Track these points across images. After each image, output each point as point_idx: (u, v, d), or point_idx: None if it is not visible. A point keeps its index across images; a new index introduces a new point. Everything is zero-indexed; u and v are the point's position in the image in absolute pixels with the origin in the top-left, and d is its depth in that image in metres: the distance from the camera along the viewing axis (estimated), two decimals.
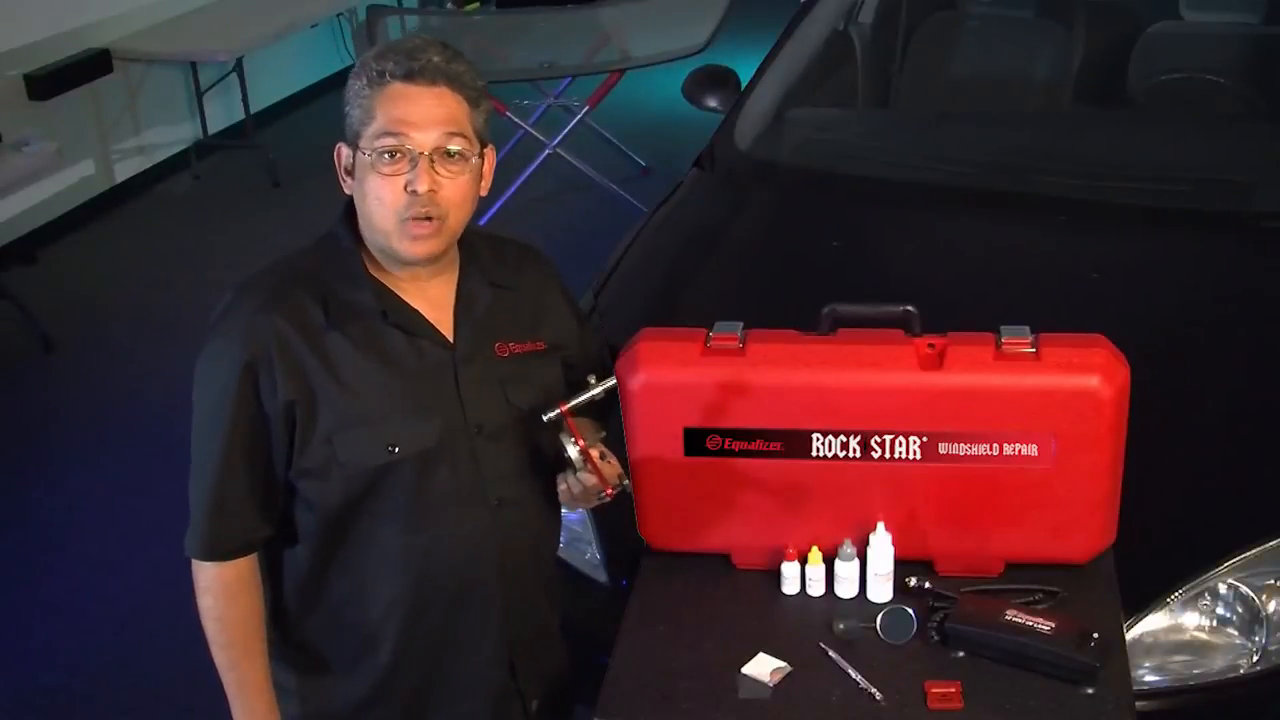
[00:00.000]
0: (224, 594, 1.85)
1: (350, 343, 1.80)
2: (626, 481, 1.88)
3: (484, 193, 1.84)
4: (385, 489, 1.82)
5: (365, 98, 1.74)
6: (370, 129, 1.73)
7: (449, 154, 1.74)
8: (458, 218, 1.78)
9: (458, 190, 1.76)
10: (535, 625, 2.01)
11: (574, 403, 1.84)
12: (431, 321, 1.84)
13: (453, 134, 1.74)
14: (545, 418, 1.83)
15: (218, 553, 1.83)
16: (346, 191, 1.82)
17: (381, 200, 1.74)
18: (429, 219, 1.74)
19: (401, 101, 1.73)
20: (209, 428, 1.80)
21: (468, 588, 1.89)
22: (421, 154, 1.72)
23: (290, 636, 1.93)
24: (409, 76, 1.73)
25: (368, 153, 1.74)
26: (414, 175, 1.72)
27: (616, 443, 1.95)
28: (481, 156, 1.80)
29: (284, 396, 1.77)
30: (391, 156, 1.73)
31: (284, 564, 1.90)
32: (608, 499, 1.87)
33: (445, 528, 1.86)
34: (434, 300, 1.85)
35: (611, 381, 1.89)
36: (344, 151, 1.80)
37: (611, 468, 1.85)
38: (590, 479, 1.82)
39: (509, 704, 1.99)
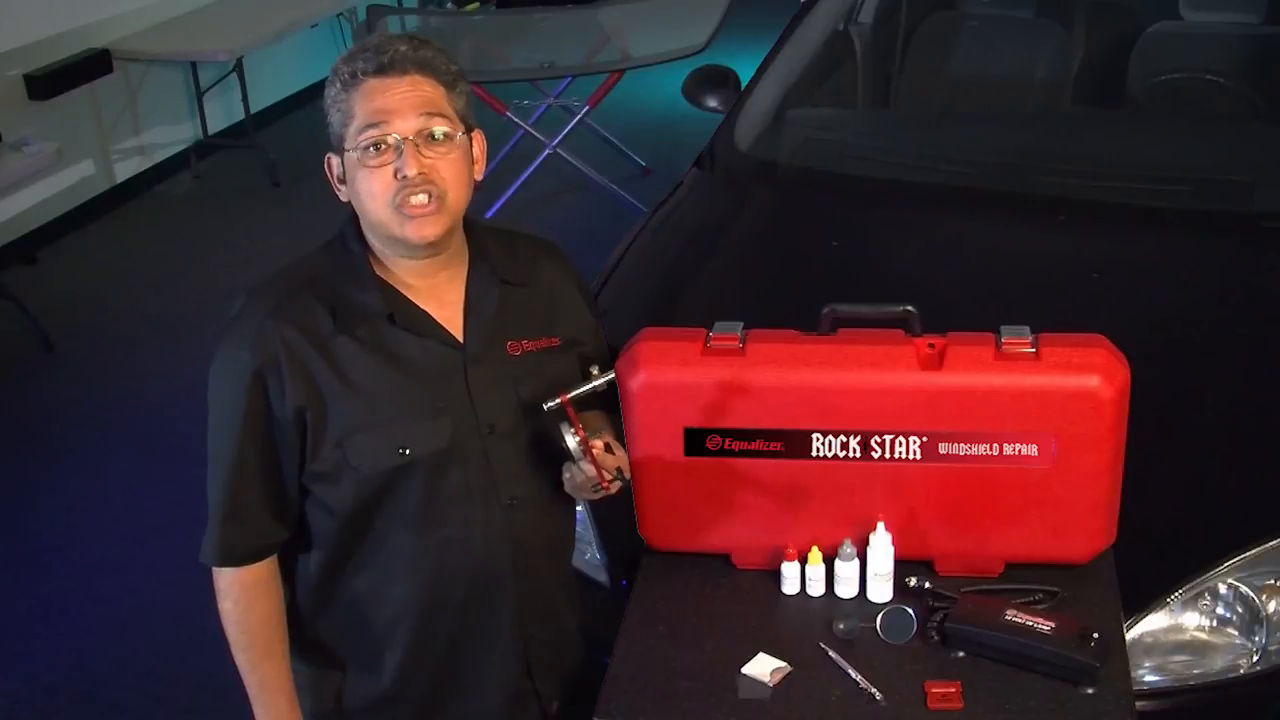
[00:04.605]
0: (244, 598, 1.85)
1: (358, 346, 1.80)
2: (627, 475, 1.87)
3: (479, 176, 1.83)
4: (397, 491, 1.83)
5: (342, 100, 1.75)
6: (352, 128, 1.74)
7: (433, 136, 1.75)
8: (455, 196, 1.78)
9: (450, 168, 1.76)
10: (552, 624, 2.00)
11: (575, 393, 1.83)
12: (440, 322, 1.84)
13: (433, 115, 1.75)
14: (546, 407, 1.82)
15: (233, 558, 1.84)
16: (342, 200, 1.82)
17: (374, 194, 1.74)
18: (426, 197, 1.74)
19: (378, 95, 1.73)
20: (222, 434, 1.81)
21: (481, 587, 1.89)
22: (406, 139, 1.73)
23: (304, 635, 1.94)
24: (381, 71, 1.74)
25: (353, 150, 1.74)
26: (402, 161, 1.72)
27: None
28: (469, 137, 1.80)
29: (293, 402, 1.77)
30: (377, 149, 1.73)
31: (298, 564, 1.91)
32: (607, 491, 1.86)
33: (457, 528, 1.86)
34: (443, 300, 1.85)
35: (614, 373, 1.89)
36: (333, 161, 1.80)
37: (611, 459, 1.84)
38: (590, 469, 1.81)
39: (525, 704, 1.99)
